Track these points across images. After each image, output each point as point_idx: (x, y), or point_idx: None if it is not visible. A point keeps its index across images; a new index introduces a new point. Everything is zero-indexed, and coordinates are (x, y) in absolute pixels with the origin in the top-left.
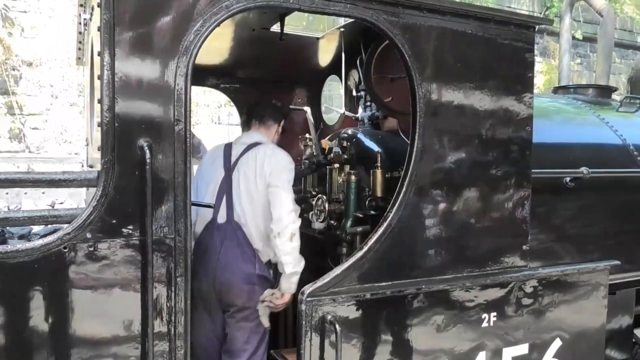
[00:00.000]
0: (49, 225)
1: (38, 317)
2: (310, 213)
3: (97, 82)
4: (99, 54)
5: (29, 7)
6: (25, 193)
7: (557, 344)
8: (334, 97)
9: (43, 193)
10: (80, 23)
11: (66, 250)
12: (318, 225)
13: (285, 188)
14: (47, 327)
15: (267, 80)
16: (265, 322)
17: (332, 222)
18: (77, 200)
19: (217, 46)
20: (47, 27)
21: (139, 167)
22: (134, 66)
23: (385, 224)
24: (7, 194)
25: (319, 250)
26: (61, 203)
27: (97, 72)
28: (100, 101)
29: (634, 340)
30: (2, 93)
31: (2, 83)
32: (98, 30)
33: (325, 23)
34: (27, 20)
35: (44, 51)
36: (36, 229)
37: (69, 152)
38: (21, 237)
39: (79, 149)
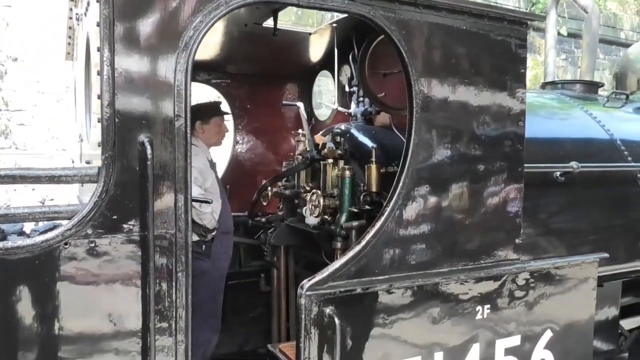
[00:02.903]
0: (40, 223)
1: (39, 313)
2: (304, 208)
3: (95, 78)
4: (99, 49)
5: (13, 0)
6: (15, 189)
7: (547, 335)
8: (322, 92)
9: (33, 189)
10: (71, 18)
11: (67, 246)
12: (312, 220)
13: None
14: (49, 323)
15: (258, 76)
16: None
17: (326, 217)
18: (67, 197)
19: (208, 41)
20: (33, 22)
21: (139, 162)
22: (134, 62)
23: (382, 219)
24: None
25: (313, 246)
26: (52, 199)
27: (94, 67)
28: (100, 97)
29: (619, 331)
30: None
31: None
32: (97, 25)
33: (314, 18)
34: (11, 15)
35: (30, 46)
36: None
37: (56, 149)
38: (20, 234)
39: (66, 145)
